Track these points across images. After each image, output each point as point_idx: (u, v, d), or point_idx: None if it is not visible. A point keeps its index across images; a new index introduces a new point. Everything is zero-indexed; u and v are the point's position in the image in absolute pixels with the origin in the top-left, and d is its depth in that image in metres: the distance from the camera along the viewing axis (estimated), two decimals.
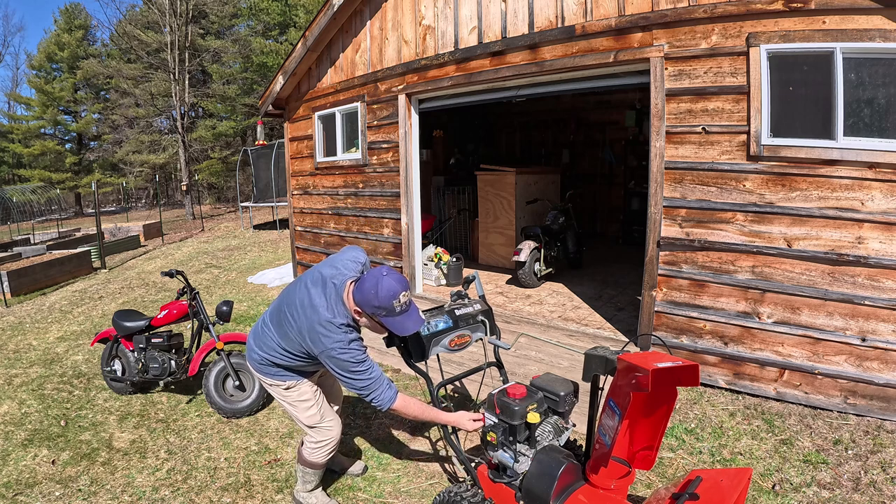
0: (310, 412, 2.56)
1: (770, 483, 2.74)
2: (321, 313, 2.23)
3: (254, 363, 2.56)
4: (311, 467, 2.65)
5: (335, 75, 6.79)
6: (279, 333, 2.41)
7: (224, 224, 17.48)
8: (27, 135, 30.69)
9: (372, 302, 2.15)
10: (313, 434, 2.60)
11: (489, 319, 2.58)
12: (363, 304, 2.19)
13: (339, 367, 2.23)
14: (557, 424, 2.19)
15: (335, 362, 2.23)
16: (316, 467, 2.65)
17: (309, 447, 2.62)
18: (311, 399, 2.57)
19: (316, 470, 2.66)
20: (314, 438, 2.60)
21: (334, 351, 2.21)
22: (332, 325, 2.21)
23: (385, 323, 2.20)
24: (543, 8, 4.49)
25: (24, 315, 7.54)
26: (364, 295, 2.17)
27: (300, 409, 2.56)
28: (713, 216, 3.73)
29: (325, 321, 2.21)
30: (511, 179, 7.05)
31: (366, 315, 2.23)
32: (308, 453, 2.62)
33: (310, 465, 2.64)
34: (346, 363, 2.21)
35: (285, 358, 2.44)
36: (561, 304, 5.55)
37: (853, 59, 3.19)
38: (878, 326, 3.24)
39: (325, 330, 2.21)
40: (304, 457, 2.64)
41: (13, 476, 3.19)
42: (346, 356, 2.21)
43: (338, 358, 2.21)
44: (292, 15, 21.96)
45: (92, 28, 32.66)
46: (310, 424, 2.57)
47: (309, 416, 2.56)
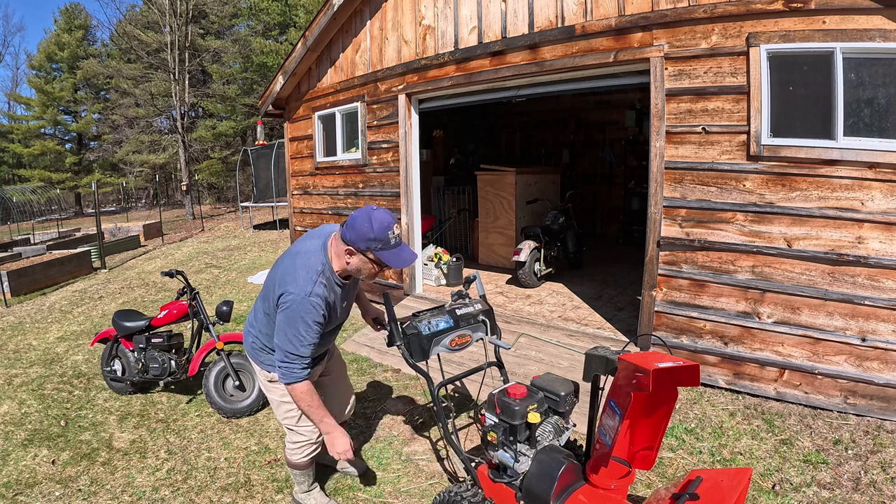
0: (288, 413, 2.48)
1: (770, 483, 2.74)
2: (307, 258, 2.17)
3: (247, 347, 2.52)
4: (292, 467, 2.61)
5: (335, 75, 6.79)
6: (264, 306, 2.35)
7: (224, 224, 17.48)
8: (27, 135, 30.69)
9: (367, 235, 2.06)
10: (289, 434, 2.55)
11: (490, 319, 2.58)
12: (357, 241, 2.08)
13: (285, 316, 2.10)
14: (558, 424, 2.19)
15: (285, 311, 2.10)
16: (298, 467, 2.59)
17: (288, 447, 2.58)
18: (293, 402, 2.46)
19: (300, 470, 2.61)
20: (290, 438, 2.55)
21: (301, 298, 2.08)
22: (312, 268, 2.13)
23: (381, 257, 2.10)
24: (543, 8, 4.49)
25: (24, 315, 7.54)
26: (357, 230, 2.07)
27: (279, 406, 2.50)
28: (713, 216, 3.73)
29: (306, 264, 2.15)
30: (511, 179, 7.05)
31: (359, 253, 2.11)
32: (288, 453, 2.58)
33: (290, 465, 2.60)
34: (300, 319, 2.08)
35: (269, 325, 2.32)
36: (561, 304, 5.55)
37: (853, 59, 3.19)
38: (878, 326, 3.24)
39: (302, 273, 2.12)
40: (286, 456, 2.61)
41: (13, 476, 3.19)
42: (304, 313, 2.08)
43: (296, 310, 2.08)
44: (292, 15, 21.96)
45: (92, 28, 32.68)
46: (286, 424, 2.52)
47: (286, 416, 2.49)
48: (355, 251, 2.11)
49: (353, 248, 2.11)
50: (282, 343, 2.13)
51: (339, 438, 2.26)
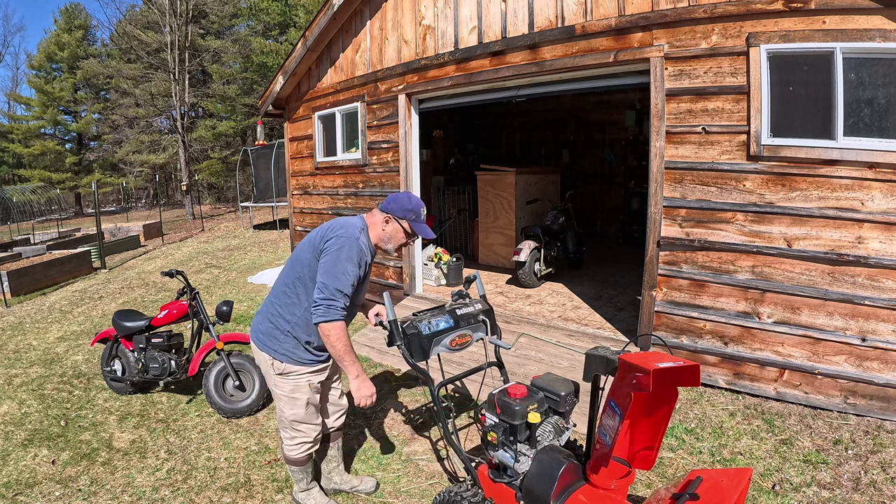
0: (295, 411, 2.48)
1: (770, 483, 2.74)
2: (347, 219, 2.42)
3: (257, 335, 2.49)
4: (291, 463, 2.62)
5: (335, 75, 6.79)
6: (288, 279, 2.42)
7: (224, 224, 17.48)
8: (27, 135, 30.68)
9: (406, 206, 2.41)
10: (289, 431, 2.54)
11: (490, 319, 2.58)
12: (396, 210, 2.41)
13: (337, 254, 2.24)
14: (558, 424, 2.19)
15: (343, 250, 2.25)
16: (297, 463, 2.60)
17: (286, 443, 2.58)
18: (303, 398, 2.48)
19: (299, 466, 2.62)
20: (289, 434, 2.55)
21: (352, 238, 2.29)
22: (355, 223, 2.39)
23: (414, 227, 2.43)
24: (543, 8, 4.49)
25: (24, 315, 7.54)
26: (398, 202, 2.42)
27: (284, 402, 2.49)
28: (713, 216, 3.73)
29: (349, 220, 2.41)
30: (511, 179, 7.05)
31: (395, 221, 2.41)
32: (287, 449, 2.59)
33: (289, 461, 2.61)
34: (348, 255, 2.25)
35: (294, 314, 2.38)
36: (561, 304, 5.55)
37: (853, 59, 3.19)
38: (878, 326, 3.24)
39: (347, 223, 2.37)
40: (284, 452, 2.61)
41: (13, 476, 3.19)
42: (354, 248, 2.27)
43: (348, 249, 2.26)
44: (292, 15, 21.96)
45: (92, 28, 32.67)
46: (291, 419, 2.50)
47: (292, 411, 2.49)
48: (392, 219, 2.42)
49: (392, 216, 2.42)
50: (327, 280, 2.23)
51: (365, 383, 2.36)
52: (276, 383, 2.47)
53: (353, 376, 2.33)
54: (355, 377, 2.33)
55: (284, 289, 2.44)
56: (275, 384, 2.49)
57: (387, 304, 2.37)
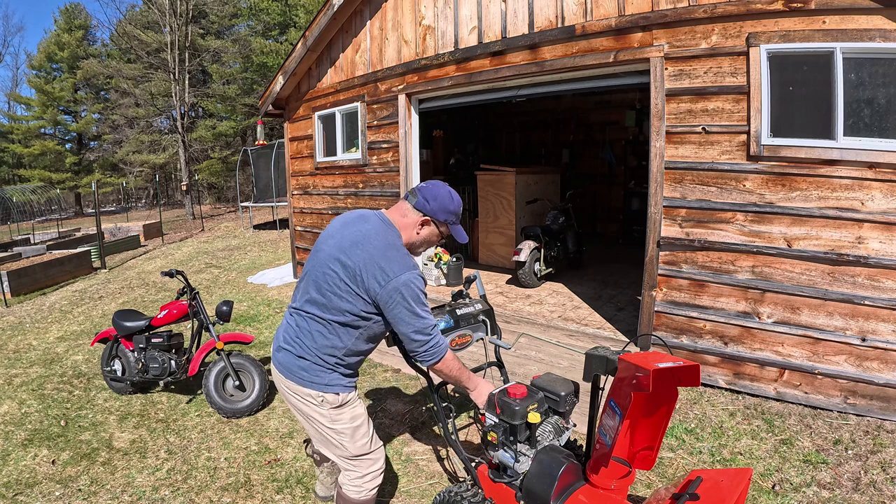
0: (363, 439, 2.09)
1: (770, 483, 2.74)
2: (384, 236, 1.91)
3: (294, 372, 2.01)
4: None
5: (335, 75, 6.79)
6: (323, 309, 1.96)
7: (224, 224, 17.48)
8: (27, 135, 30.69)
9: (448, 207, 2.01)
10: (357, 466, 2.10)
11: (490, 319, 2.57)
12: (438, 212, 1.99)
13: (410, 302, 1.85)
14: (558, 424, 2.19)
15: (409, 292, 1.84)
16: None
17: (354, 483, 2.10)
18: (364, 421, 2.11)
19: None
20: (359, 471, 2.10)
21: (408, 277, 1.85)
22: (400, 247, 1.93)
23: (453, 230, 2.07)
24: (543, 8, 4.49)
25: (24, 315, 7.54)
26: (439, 200, 1.99)
27: (349, 436, 2.06)
28: (713, 216, 3.73)
29: (392, 244, 1.90)
30: (511, 179, 7.05)
31: (433, 224, 2.02)
32: (354, 490, 2.10)
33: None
34: (418, 294, 1.87)
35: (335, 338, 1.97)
36: (561, 304, 5.55)
37: (853, 59, 3.19)
38: (878, 326, 3.24)
39: (395, 254, 1.88)
40: (347, 496, 2.10)
41: (13, 476, 3.19)
42: (418, 285, 1.88)
43: (413, 287, 1.85)
44: (292, 15, 21.97)
45: (92, 28, 32.70)
46: (359, 454, 2.09)
47: (361, 445, 2.08)
48: (432, 222, 2.03)
49: (432, 219, 2.02)
50: (413, 328, 1.90)
51: (485, 387, 2.15)
52: (333, 419, 2.04)
53: (474, 388, 2.14)
54: (476, 387, 2.14)
55: (319, 326, 1.98)
56: (331, 421, 2.04)
57: None
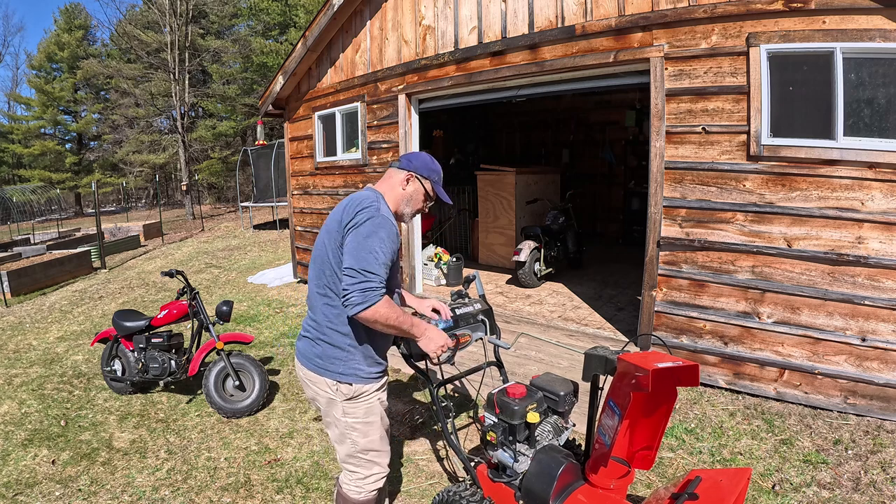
0: (374, 435, 2.08)
1: (770, 483, 2.74)
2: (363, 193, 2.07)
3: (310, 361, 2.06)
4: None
5: (335, 75, 6.79)
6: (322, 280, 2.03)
7: (224, 224, 17.48)
8: (27, 135, 30.70)
9: (430, 166, 2.16)
10: (360, 465, 2.09)
11: (489, 319, 2.57)
12: (420, 168, 2.14)
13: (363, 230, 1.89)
14: (557, 424, 2.19)
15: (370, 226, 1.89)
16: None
17: (355, 483, 2.09)
18: (377, 419, 2.10)
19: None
20: (362, 470, 2.09)
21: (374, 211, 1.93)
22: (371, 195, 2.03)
23: (437, 189, 2.19)
24: (543, 8, 4.49)
25: (24, 315, 7.54)
26: (420, 159, 2.17)
27: (360, 433, 2.06)
28: (713, 216, 3.73)
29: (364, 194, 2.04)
30: (511, 179, 7.05)
31: (417, 180, 2.14)
32: (354, 490, 2.09)
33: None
34: (375, 230, 1.89)
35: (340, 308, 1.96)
36: (561, 304, 5.55)
37: (853, 59, 3.19)
38: (878, 326, 3.24)
39: (365, 196, 2.01)
40: (347, 495, 2.10)
41: (13, 476, 3.19)
42: (384, 229, 1.91)
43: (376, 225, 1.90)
44: (292, 15, 21.97)
45: (92, 28, 32.71)
46: (366, 448, 2.08)
47: (371, 440, 2.08)
48: (414, 177, 2.15)
49: (415, 174, 2.14)
50: (354, 263, 1.85)
51: (434, 331, 2.09)
52: (346, 411, 2.04)
53: (422, 334, 2.05)
54: (424, 332, 2.05)
55: (324, 300, 2.02)
56: (343, 413, 2.05)
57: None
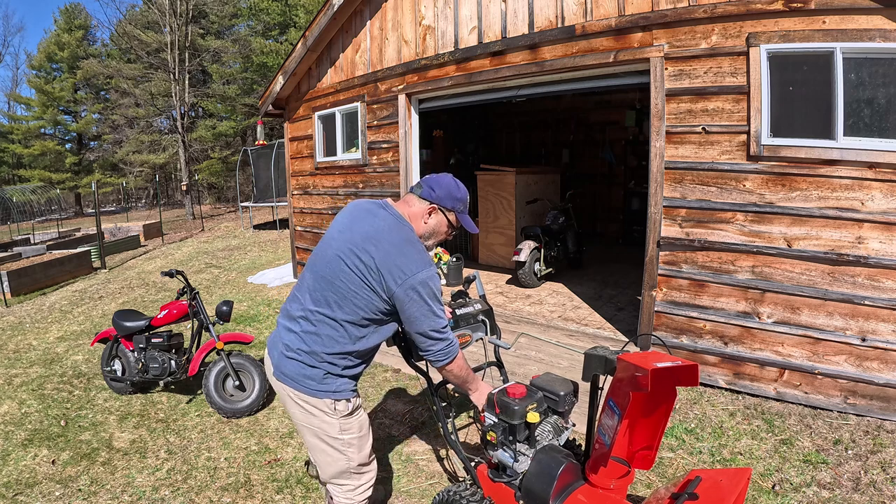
0: (367, 447, 2.05)
1: (770, 483, 2.74)
2: (399, 232, 1.87)
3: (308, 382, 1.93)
4: None
5: (335, 75, 6.79)
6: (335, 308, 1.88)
7: (224, 224, 17.48)
8: (27, 135, 30.70)
9: (455, 194, 1.98)
10: (353, 479, 2.05)
11: (490, 319, 2.57)
12: (444, 199, 1.96)
13: (427, 300, 1.81)
14: (557, 424, 2.19)
15: (426, 291, 1.81)
16: None
17: (347, 497, 2.06)
18: (369, 429, 2.08)
19: None
20: (352, 483, 2.05)
21: (426, 275, 1.81)
22: (416, 242, 1.89)
23: (461, 219, 2.03)
24: (543, 8, 4.49)
25: (24, 315, 7.54)
26: (444, 188, 1.97)
27: (356, 448, 2.02)
28: (713, 216, 3.73)
29: (409, 239, 1.87)
30: (511, 179, 7.05)
31: (441, 212, 1.98)
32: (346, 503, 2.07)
33: None
34: (434, 293, 1.83)
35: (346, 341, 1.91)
36: (561, 304, 5.55)
37: (853, 59, 3.19)
38: (878, 326, 3.24)
39: (412, 249, 1.85)
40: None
41: (13, 476, 3.19)
42: (435, 283, 1.84)
43: (430, 286, 1.82)
44: (292, 15, 21.97)
45: (92, 28, 32.71)
46: (362, 462, 2.05)
47: (366, 454, 2.05)
48: (438, 210, 1.99)
49: (439, 207, 1.98)
50: (429, 327, 1.86)
51: (486, 389, 2.16)
52: (343, 428, 1.98)
53: (476, 390, 2.14)
54: (477, 389, 2.15)
55: (331, 331, 1.90)
56: (340, 430, 1.97)
57: None
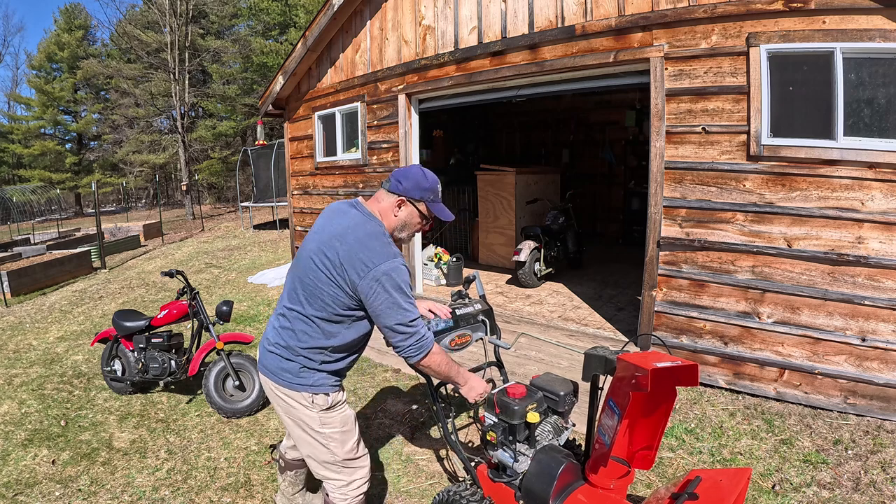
0: (351, 442, 2.08)
1: (770, 483, 2.74)
2: (364, 227, 1.90)
3: (278, 376, 2.00)
4: None
5: (335, 75, 6.79)
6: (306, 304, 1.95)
7: (224, 224, 17.47)
8: (27, 135, 30.69)
9: (422, 185, 1.98)
10: (342, 473, 2.08)
11: (489, 319, 2.57)
12: (411, 190, 1.97)
13: (391, 292, 1.82)
14: (557, 424, 2.19)
15: (389, 282, 1.81)
16: None
17: (340, 491, 2.09)
18: (353, 425, 2.10)
19: None
20: (345, 477, 2.08)
21: (389, 266, 1.82)
22: (380, 235, 1.90)
23: (433, 208, 2.03)
24: (543, 8, 4.49)
25: (24, 315, 7.54)
26: (412, 179, 1.97)
27: (339, 442, 2.04)
28: (713, 216, 3.73)
29: (372, 232, 1.89)
30: (511, 179, 7.05)
31: (410, 204, 1.99)
32: (341, 499, 2.09)
33: None
34: (399, 284, 1.83)
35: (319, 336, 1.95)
36: (561, 304, 5.55)
37: (853, 59, 3.19)
38: (878, 326, 3.24)
39: (375, 243, 1.86)
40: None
41: (13, 476, 3.19)
42: (400, 275, 1.84)
43: (394, 277, 1.82)
44: (292, 15, 21.97)
45: (92, 28, 32.69)
46: (347, 458, 2.07)
47: (350, 449, 2.07)
48: (407, 201, 2.00)
49: (407, 199, 1.99)
50: (395, 320, 1.86)
51: (476, 381, 2.15)
52: (324, 422, 2.02)
53: (464, 382, 2.12)
54: (466, 382, 2.13)
55: (305, 326, 1.96)
56: (321, 424, 2.02)
57: None
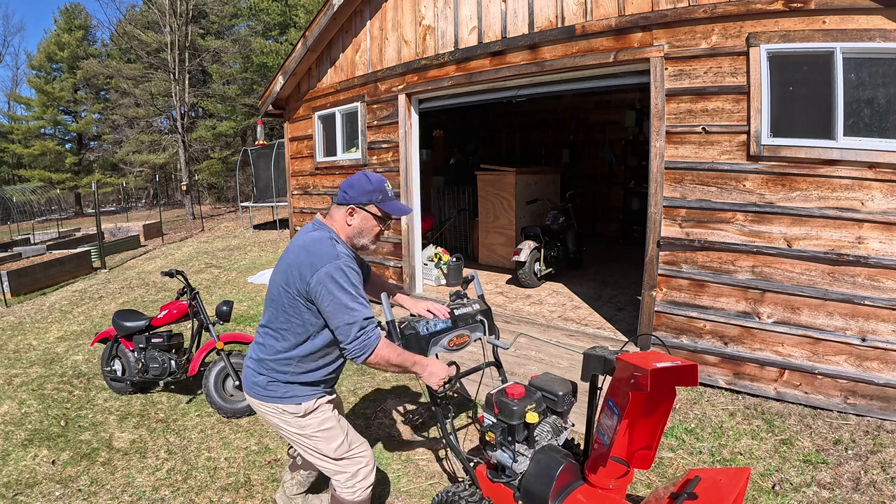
0: (335, 441, 2.12)
1: (770, 483, 2.74)
2: (311, 236, 2.04)
3: (256, 391, 2.10)
4: None
5: (335, 75, 6.79)
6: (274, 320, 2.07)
7: (224, 224, 17.47)
8: (27, 135, 30.68)
9: (366, 188, 2.06)
10: (344, 467, 2.13)
11: (488, 319, 2.57)
12: (358, 196, 2.06)
13: (334, 292, 1.90)
14: (556, 424, 2.19)
15: (332, 283, 1.90)
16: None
17: (344, 485, 2.12)
18: (334, 424, 2.14)
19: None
20: (346, 472, 2.13)
21: (331, 267, 1.91)
22: (324, 239, 2.01)
23: (384, 207, 2.09)
24: (543, 8, 4.49)
25: (24, 315, 7.54)
26: (355, 186, 2.07)
27: (323, 441, 2.11)
28: (713, 216, 3.73)
29: (316, 238, 2.01)
30: (511, 179, 7.05)
31: (360, 210, 2.06)
32: (349, 493, 2.12)
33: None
34: (342, 284, 1.91)
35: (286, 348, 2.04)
36: (561, 304, 5.55)
37: (853, 59, 3.19)
38: (878, 326, 3.24)
39: (318, 247, 1.97)
40: (346, 500, 2.13)
41: (13, 476, 3.19)
42: (344, 275, 1.92)
43: (335, 278, 1.90)
44: (292, 15, 21.97)
45: (92, 28, 32.69)
46: (339, 456, 2.12)
47: (336, 447, 2.11)
48: (357, 208, 2.07)
49: (355, 206, 2.07)
50: (338, 321, 1.93)
51: (436, 366, 2.12)
52: (301, 426, 2.09)
53: (423, 369, 2.10)
54: (425, 368, 2.10)
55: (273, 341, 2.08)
56: (300, 430, 2.09)
57: (384, 305, 2.36)
